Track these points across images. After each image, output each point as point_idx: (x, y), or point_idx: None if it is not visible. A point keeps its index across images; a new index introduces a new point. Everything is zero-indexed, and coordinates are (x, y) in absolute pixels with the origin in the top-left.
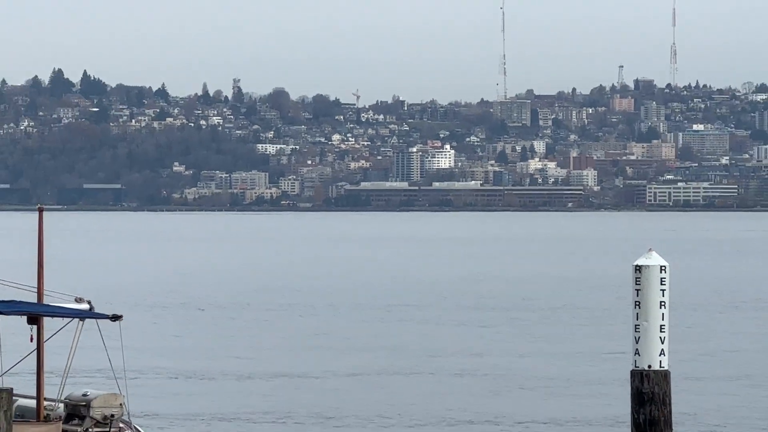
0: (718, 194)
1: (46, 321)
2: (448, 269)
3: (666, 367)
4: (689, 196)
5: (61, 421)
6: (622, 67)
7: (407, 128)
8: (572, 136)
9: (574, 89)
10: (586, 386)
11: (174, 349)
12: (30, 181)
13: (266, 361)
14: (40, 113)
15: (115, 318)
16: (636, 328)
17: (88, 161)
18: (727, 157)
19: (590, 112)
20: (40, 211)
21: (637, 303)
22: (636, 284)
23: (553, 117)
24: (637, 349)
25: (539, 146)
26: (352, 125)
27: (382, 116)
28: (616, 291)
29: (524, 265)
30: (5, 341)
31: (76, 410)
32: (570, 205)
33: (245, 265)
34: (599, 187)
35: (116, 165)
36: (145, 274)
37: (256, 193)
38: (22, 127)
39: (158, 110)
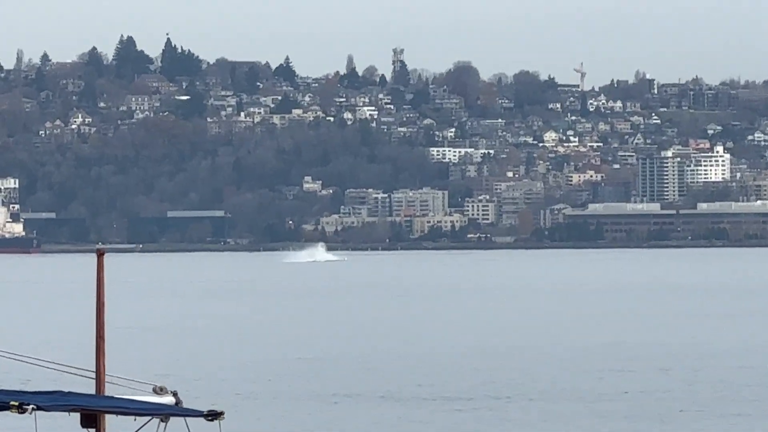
0: None
1: (110, 420)
2: None
3: None
4: None
5: None
6: None
7: (658, 121)
8: None
9: None
10: None
11: None
12: (87, 208)
13: None
14: (102, 104)
15: (213, 416)
16: None
17: (175, 176)
18: None
19: None
20: (100, 255)
21: None
22: None
23: None
24: None
25: None
26: (574, 117)
27: (619, 104)
28: None
29: None
30: None
31: None
32: None
33: (427, 337)
34: None
35: (217, 181)
36: (257, 348)
37: (429, 222)
38: (73, 126)
39: (280, 98)
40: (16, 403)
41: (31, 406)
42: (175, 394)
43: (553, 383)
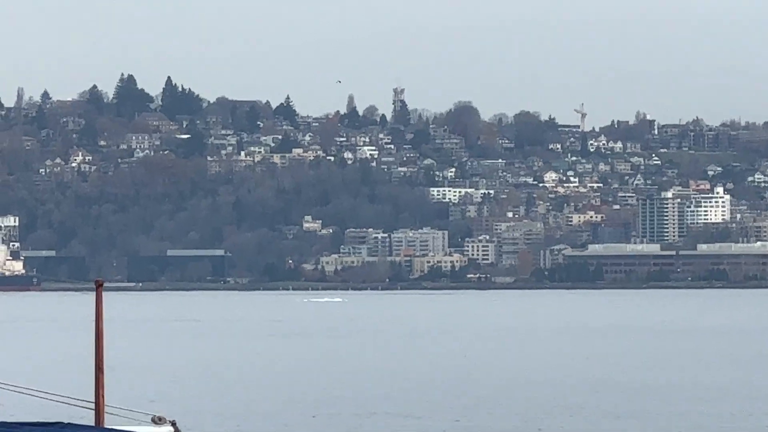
0: None
1: None
2: None
3: None
4: None
5: None
6: None
7: (658, 162)
8: None
9: None
10: None
11: None
12: (86, 246)
13: None
14: (102, 143)
15: None
16: None
17: (175, 215)
18: None
19: None
20: (99, 286)
21: None
22: None
23: None
24: None
25: None
26: (574, 158)
27: (620, 144)
28: None
29: None
30: None
31: None
32: None
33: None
34: None
35: (217, 220)
36: (261, 381)
37: (429, 261)
38: (74, 164)
39: (280, 137)
40: None
41: None
42: (173, 424)
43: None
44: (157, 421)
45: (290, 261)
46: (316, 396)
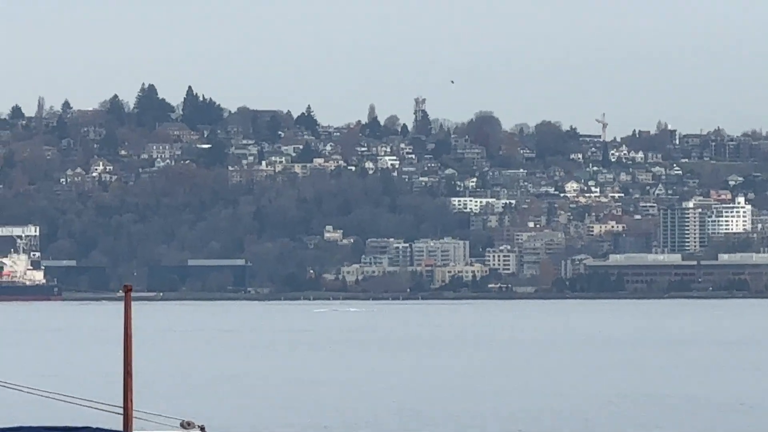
0: None
1: None
2: None
3: None
4: None
5: None
6: None
7: (680, 172)
8: None
9: None
10: None
11: None
12: (107, 256)
13: None
14: (123, 152)
15: None
16: None
17: (195, 225)
18: None
19: None
20: (128, 291)
21: None
22: None
23: None
24: None
25: None
26: (595, 168)
27: (641, 154)
28: None
29: None
30: None
31: None
32: None
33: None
34: None
35: (238, 230)
36: (287, 390)
37: (450, 271)
38: (94, 174)
39: (302, 147)
40: None
41: None
42: (202, 429)
43: None
44: (186, 426)
45: (311, 271)
46: (340, 407)
